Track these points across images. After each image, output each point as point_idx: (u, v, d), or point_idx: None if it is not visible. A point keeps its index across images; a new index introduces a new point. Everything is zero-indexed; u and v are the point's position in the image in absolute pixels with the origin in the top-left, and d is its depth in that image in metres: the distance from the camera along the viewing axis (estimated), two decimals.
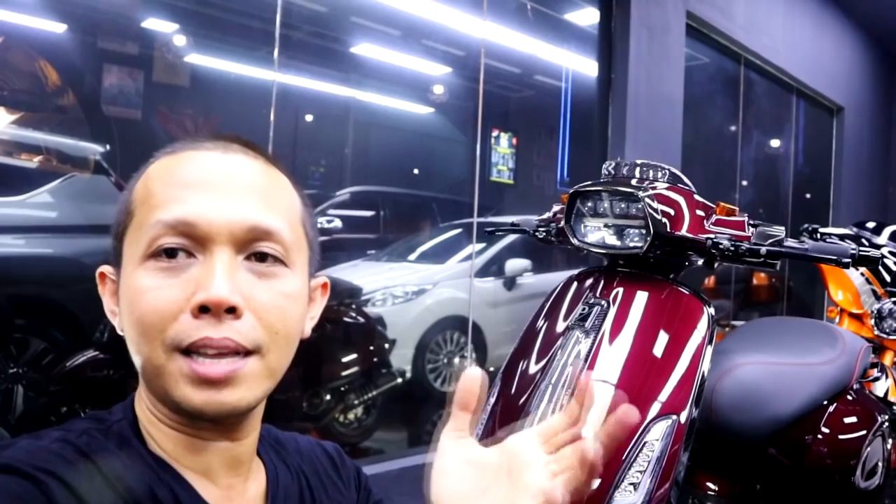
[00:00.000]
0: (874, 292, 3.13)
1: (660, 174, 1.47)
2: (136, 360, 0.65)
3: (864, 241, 3.13)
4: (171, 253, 0.63)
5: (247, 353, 0.63)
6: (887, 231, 3.30)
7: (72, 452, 0.60)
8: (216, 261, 0.63)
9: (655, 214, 1.36)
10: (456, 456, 0.60)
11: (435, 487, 0.59)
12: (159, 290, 0.62)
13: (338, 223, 4.71)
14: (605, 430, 0.59)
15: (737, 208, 1.43)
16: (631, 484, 1.17)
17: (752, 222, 1.41)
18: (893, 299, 2.98)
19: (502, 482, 0.59)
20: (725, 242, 1.36)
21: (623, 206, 1.40)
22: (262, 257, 0.66)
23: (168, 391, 0.63)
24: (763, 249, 1.35)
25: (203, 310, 0.61)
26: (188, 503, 0.64)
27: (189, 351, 0.61)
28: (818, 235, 3.10)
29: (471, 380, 0.62)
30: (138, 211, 0.66)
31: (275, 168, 0.71)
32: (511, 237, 4.95)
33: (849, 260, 1.31)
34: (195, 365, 0.61)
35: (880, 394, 2.72)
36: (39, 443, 0.61)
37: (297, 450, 0.82)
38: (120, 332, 0.69)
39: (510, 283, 4.95)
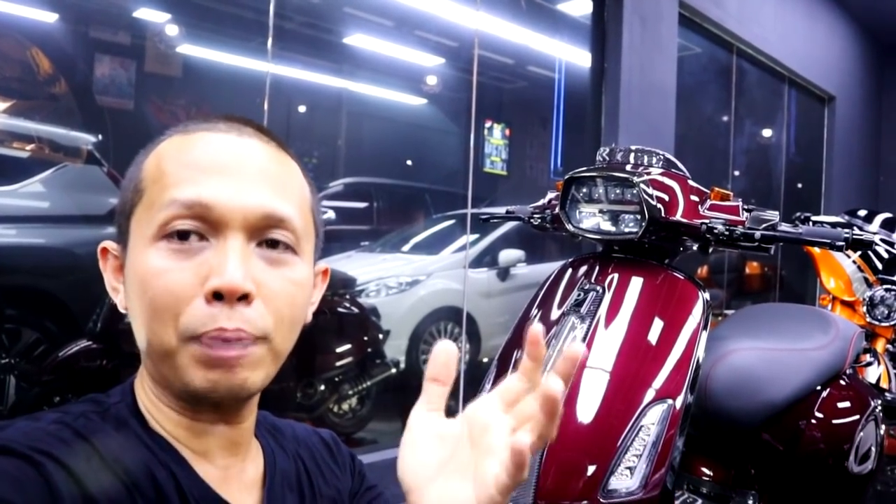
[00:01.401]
0: (866, 280, 3.15)
1: (654, 160, 1.47)
2: (143, 340, 0.65)
3: (855, 228, 3.14)
4: (183, 235, 0.63)
5: (254, 339, 0.64)
6: (878, 219, 3.32)
7: (69, 434, 0.60)
8: (230, 247, 0.63)
9: (650, 200, 1.36)
10: (423, 430, 0.59)
11: (401, 461, 0.59)
12: (172, 272, 0.62)
13: (331, 214, 4.71)
14: (556, 369, 0.55)
15: (731, 193, 1.44)
16: (627, 468, 1.18)
17: (746, 207, 1.42)
18: (885, 286, 3.00)
19: (465, 449, 0.57)
20: (720, 227, 1.37)
21: (618, 191, 1.40)
22: (273, 244, 0.66)
23: (177, 374, 0.63)
24: (758, 234, 1.36)
25: (216, 296, 0.61)
26: (187, 484, 0.64)
27: (201, 338, 0.62)
28: (811, 223, 3.12)
29: (444, 352, 0.60)
30: (149, 189, 0.66)
31: (286, 154, 0.72)
32: (505, 227, 4.97)
33: (843, 243, 1.32)
34: (207, 349, 0.62)
35: (872, 380, 2.74)
36: (37, 424, 0.61)
37: (294, 436, 0.82)
38: (122, 310, 0.68)
39: (504, 274, 4.96)
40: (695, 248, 1.50)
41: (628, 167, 1.46)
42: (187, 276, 0.62)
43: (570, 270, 1.48)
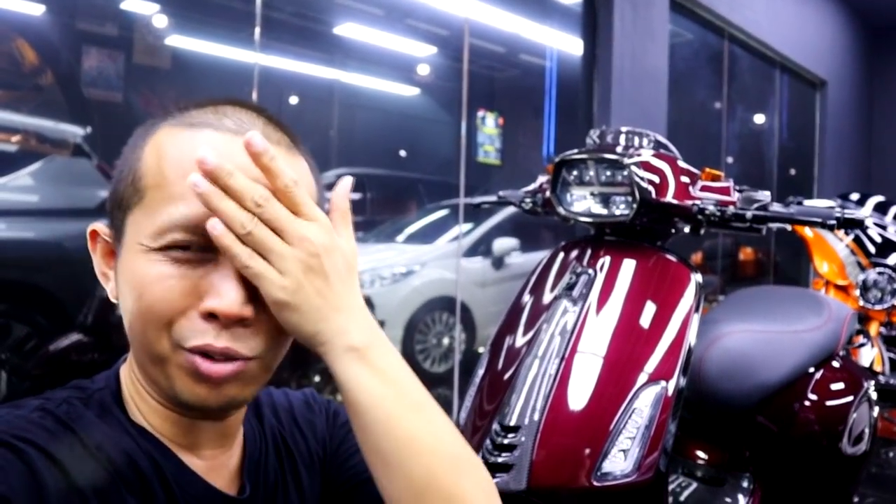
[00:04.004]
0: (859, 263, 3.15)
1: (645, 141, 1.46)
2: (135, 340, 0.63)
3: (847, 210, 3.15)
4: (184, 247, 0.61)
5: (246, 359, 0.62)
6: (871, 202, 3.32)
7: (52, 422, 0.60)
8: (232, 268, 0.60)
9: (641, 182, 1.35)
10: None
11: None
12: (171, 279, 0.60)
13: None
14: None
15: (722, 174, 1.42)
16: (621, 451, 1.17)
17: (737, 188, 1.41)
18: (878, 270, 3.01)
19: None
20: (711, 208, 1.36)
21: (608, 173, 1.39)
22: None
23: (167, 381, 0.62)
24: (749, 214, 1.35)
25: (213, 315, 0.60)
26: (171, 472, 0.63)
27: (191, 350, 0.61)
28: None
29: None
30: (150, 193, 0.62)
31: (296, 152, 0.69)
32: (499, 216, 4.96)
33: (834, 222, 1.31)
34: (199, 362, 0.60)
35: (866, 364, 2.75)
36: (18, 412, 0.60)
37: (272, 403, 0.81)
38: (113, 300, 0.66)
39: (498, 263, 4.95)
40: (686, 229, 1.49)
41: (619, 149, 1.45)
42: (186, 286, 0.60)
43: (562, 254, 1.47)
